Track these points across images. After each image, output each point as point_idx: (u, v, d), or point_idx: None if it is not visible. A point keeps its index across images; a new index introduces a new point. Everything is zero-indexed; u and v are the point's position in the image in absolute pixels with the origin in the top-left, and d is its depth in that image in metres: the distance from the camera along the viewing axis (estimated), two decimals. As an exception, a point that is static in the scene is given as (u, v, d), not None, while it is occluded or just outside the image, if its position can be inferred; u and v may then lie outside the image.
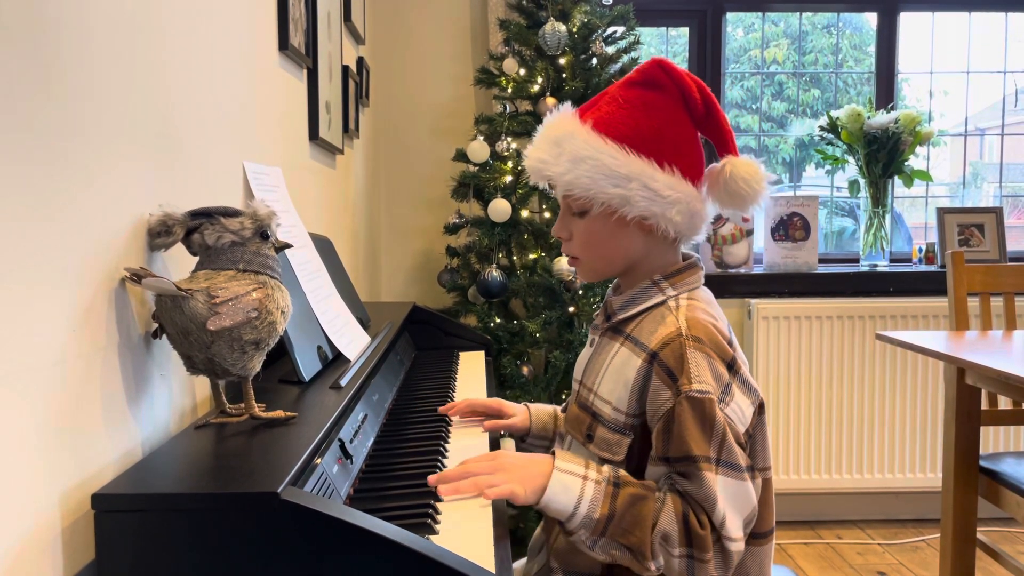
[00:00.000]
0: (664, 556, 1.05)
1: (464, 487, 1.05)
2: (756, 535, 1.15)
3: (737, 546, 1.05)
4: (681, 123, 1.16)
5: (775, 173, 3.29)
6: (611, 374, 1.15)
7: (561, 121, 1.18)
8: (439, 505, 1.03)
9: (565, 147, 1.14)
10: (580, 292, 2.55)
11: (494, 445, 1.32)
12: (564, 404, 1.40)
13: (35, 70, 0.79)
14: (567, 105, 1.22)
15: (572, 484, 1.06)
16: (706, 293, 1.20)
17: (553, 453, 1.11)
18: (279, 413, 1.05)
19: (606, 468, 1.09)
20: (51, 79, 0.82)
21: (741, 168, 1.15)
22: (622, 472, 1.10)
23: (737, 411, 1.09)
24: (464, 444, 1.29)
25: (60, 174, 0.83)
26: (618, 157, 1.11)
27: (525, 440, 1.40)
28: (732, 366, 1.11)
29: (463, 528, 0.98)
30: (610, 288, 1.27)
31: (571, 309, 2.57)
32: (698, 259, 1.22)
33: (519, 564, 1.34)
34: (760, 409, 1.14)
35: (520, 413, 1.40)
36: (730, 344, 1.13)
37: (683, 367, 1.07)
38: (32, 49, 0.78)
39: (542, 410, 1.41)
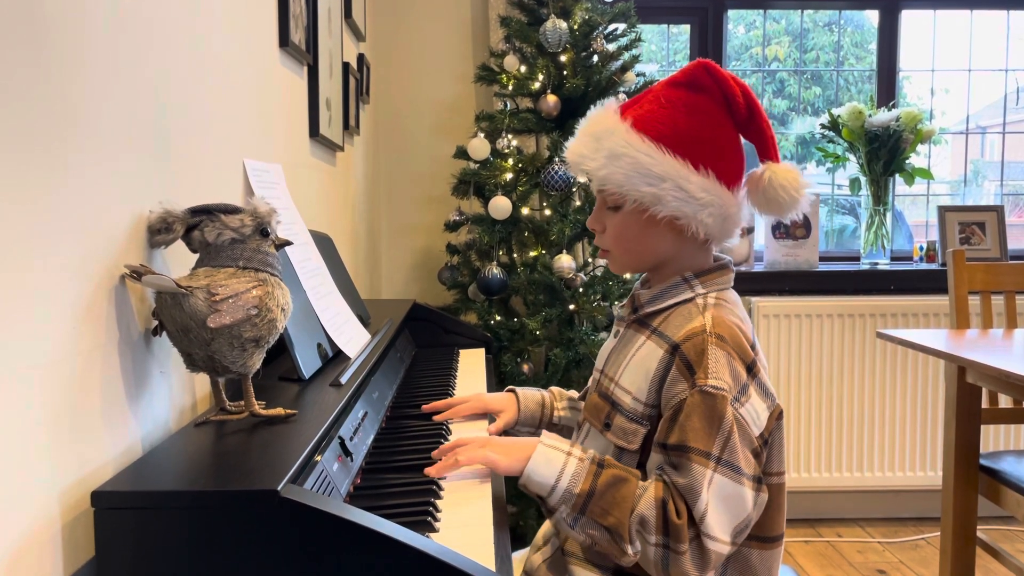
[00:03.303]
0: (641, 542, 1.05)
1: (448, 462, 1.11)
2: (766, 539, 1.14)
3: (716, 546, 1.03)
4: (722, 126, 1.15)
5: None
6: (634, 366, 1.16)
7: (602, 117, 1.19)
8: (439, 503, 1.03)
9: (604, 143, 1.15)
10: (580, 290, 2.55)
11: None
12: (583, 392, 1.41)
13: (33, 66, 0.79)
14: (611, 100, 1.23)
15: (555, 458, 1.08)
16: (734, 295, 1.20)
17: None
18: (279, 411, 1.05)
19: (592, 451, 1.11)
20: (49, 76, 0.81)
21: (780, 175, 1.15)
22: (608, 456, 1.11)
23: (752, 413, 1.09)
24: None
25: (58, 171, 0.83)
26: (654, 156, 1.12)
27: (513, 428, 1.40)
28: (752, 368, 1.11)
29: (463, 523, 0.98)
30: (638, 282, 1.27)
31: (571, 307, 2.57)
32: (729, 261, 1.22)
33: (520, 554, 1.33)
34: (779, 415, 1.13)
35: (507, 406, 1.40)
36: (752, 348, 1.13)
37: (702, 361, 1.08)
38: (30, 45, 0.78)
39: (529, 397, 1.41)
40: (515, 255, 2.70)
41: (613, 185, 1.15)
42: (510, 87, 2.69)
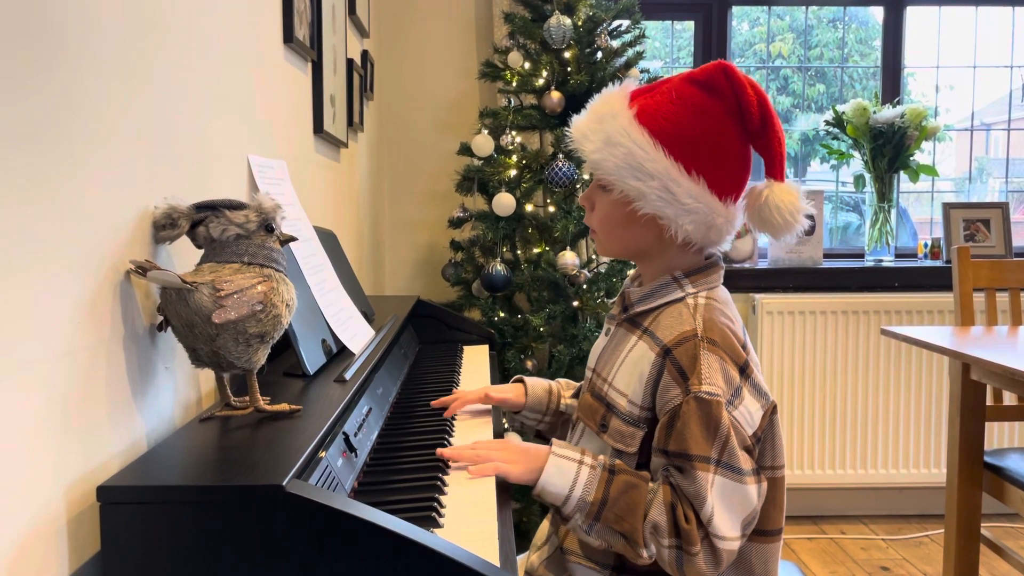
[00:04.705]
0: (655, 546, 1.06)
1: (466, 454, 1.13)
2: (764, 533, 1.15)
3: (727, 544, 1.05)
4: (728, 134, 1.13)
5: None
6: (627, 367, 1.15)
7: (611, 98, 1.17)
8: (443, 498, 1.03)
9: (604, 126, 1.14)
10: (584, 286, 2.55)
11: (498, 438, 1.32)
12: (576, 390, 1.41)
13: (38, 62, 0.79)
14: (629, 81, 1.20)
15: (567, 467, 1.09)
16: (724, 293, 1.19)
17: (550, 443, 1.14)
18: (284, 406, 1.05)
19: (602, 457, 1.12)
20: (54, 72, 0.82)
21: (778, 195, 1.13)
22: (618, 462, 1.12)
23: (745, 414, 1.09)
24: (468, 437, 1.29)
25: (62, 167, 0.83)
26: (648, 152, 1.10)
27: (520, 413, 1.40)
28: (744, 370, 1.11)
29: (467, 518, 0.98)
30: (628, 279, 1.27)
31: (575, 303, 2.57)
32: (719, 258, 1.21)
33: (520, 558, 1.34)
34: (772, 411, 1.14)
35: (511, 393, 1.39)
36: (744, 347, 1.13)
37: (695, 367, 1.07)
38: (35, 41, 0.78)
39: (538, 384, 1.40)
40: (519, 252, 2.70)
41: (603, 172, 1.14)
42: (514, 83, 2.69)
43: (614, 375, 1.17)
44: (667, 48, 3.56)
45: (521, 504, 2.51)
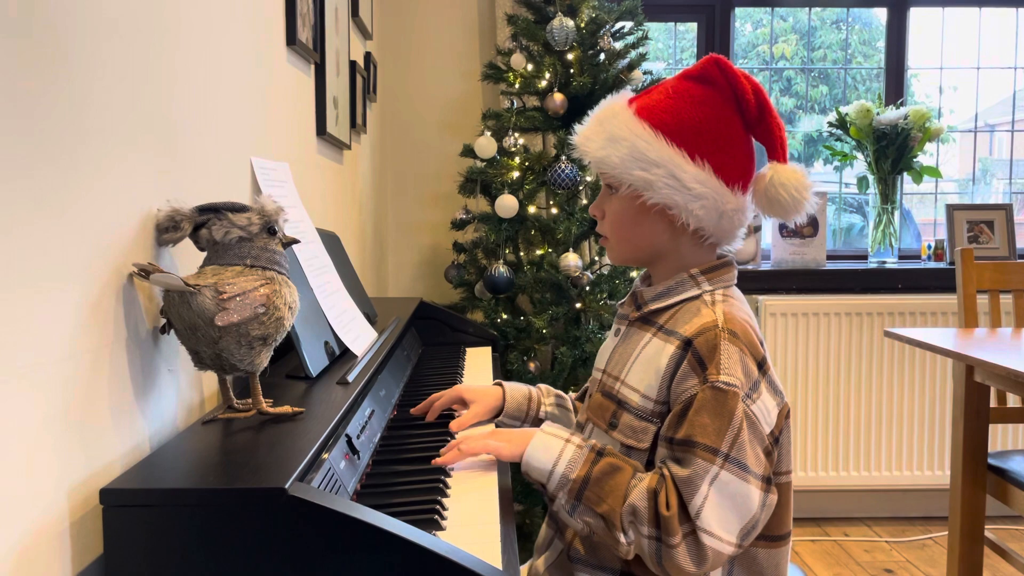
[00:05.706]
0: (634, 533, 1.04)
1: (453, 451, 1.14)
2: (773, 537, 1.14)
3: (714, 543, 1.02)
4: (727, 122, 1.15)
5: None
6: (641, 363, 1.15)
7: (611, 103, 1.20)
8: (445, 501, 1.03)
9: (606, 126, 1.16)
10: (587, 288, 2.55)
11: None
12: (580, 393, 1.40)
13: (39, 66, 0.79)
14: (625, 91, 1.24)
15: (553, 444, 1.11)
16: (739, 292, 1.20)
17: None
18: (286, 408, 1.05)
19: (593, 440, 1.12)
20: (56, 75, 0.82)
21: (783, 175, 1.14)
22: (609, 446, 1.12)
23: (763, 410, 1.08)
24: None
25: (66, 170, 0.83)
26: (650, 142, 1.12)
27: (497, 417, 1.38)
28: (762, 365, 1.11)
29: (470, 521, 0.98)
30: (638, 279, 1.27)
31: (578, 305, 2.56)
32: (732, 257, 1.21)
33: (522, 567, 1.33)
34: (787, 414, 1.13)
35: (482, 398, 1.37)
36: (761, 344, 1.13)
37: (714, 357, 1.07)
38: (36, 45, 0.79)
39: (516, 389, 1.39)
40: (521, 253, 2.70)
41: (608, 167, 1.15)
42: (517, 85, 2.69)
43: (627, 372, 1.17)
44: (670, 50, 3.56)
45: (524, 506, 2.50)
